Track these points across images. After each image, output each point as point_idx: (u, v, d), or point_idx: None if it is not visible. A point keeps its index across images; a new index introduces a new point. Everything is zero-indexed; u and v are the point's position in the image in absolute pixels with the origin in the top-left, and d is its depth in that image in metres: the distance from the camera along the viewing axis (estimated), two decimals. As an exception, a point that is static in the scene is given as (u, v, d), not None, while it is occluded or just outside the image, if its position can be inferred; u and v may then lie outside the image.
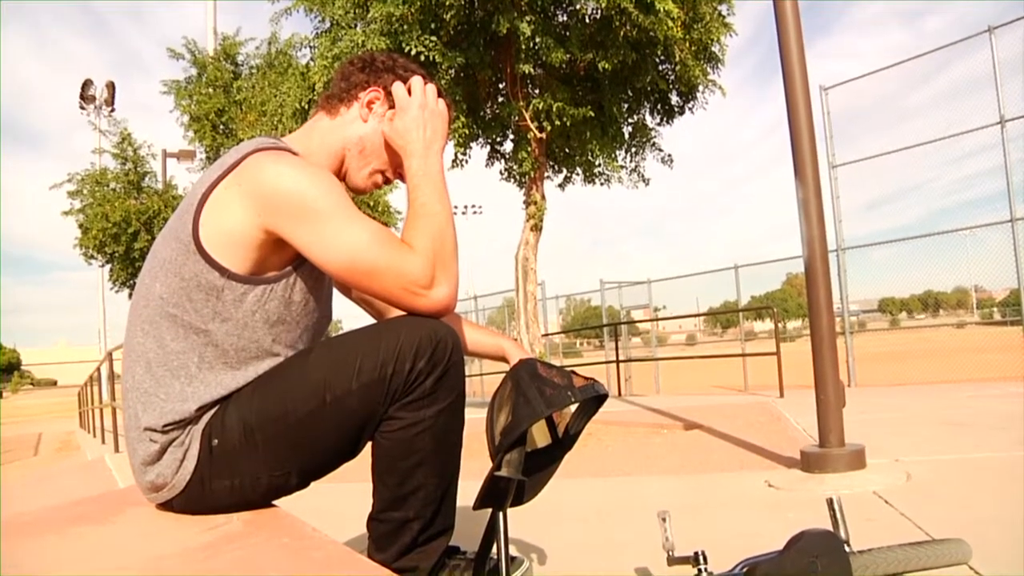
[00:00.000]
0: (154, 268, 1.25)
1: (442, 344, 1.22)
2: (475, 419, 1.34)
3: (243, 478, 1.22)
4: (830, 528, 1.30)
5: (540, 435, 1.46)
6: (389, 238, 1.22)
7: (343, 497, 2.61)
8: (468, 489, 1.36)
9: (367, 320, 1.57)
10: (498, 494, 1.31)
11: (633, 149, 7.09)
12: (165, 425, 1.21)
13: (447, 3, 5.14)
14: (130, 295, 1.34)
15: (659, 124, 6.98)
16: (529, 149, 6.21)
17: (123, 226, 10.37)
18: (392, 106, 1.39)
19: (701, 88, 6.40)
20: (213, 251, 1.20)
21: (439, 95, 1.42)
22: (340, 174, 1.42)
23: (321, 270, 1.27)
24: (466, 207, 60.74)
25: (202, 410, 1.22)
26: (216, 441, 1.21)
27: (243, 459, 1.21)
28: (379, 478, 1.27)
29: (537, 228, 6.47)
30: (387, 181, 1.45)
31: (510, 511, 1.34)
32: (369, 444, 1.28)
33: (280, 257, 1.25)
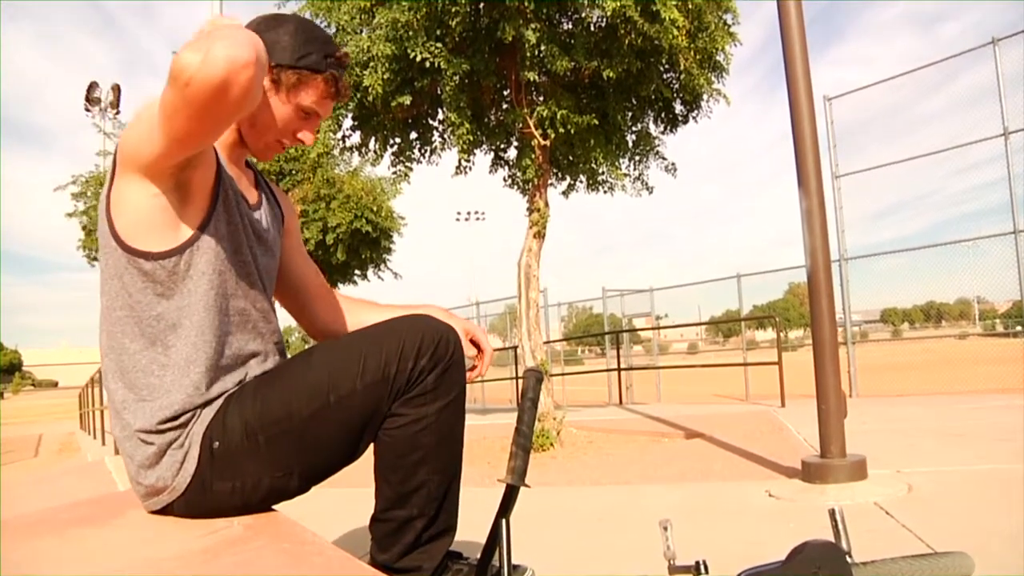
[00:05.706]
0: (101, 283, 1.25)
1: (443, 341, 1.24)
2: (475, 425, 1.33)
3: (244, 480, 1.22)
4: (832, 539, 1.29)
5: None
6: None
7: (343, 502, 2.61)
8: (468, 495, 1.35)
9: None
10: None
11: (637, 157, 7.10)
12: (159, 423, 1.20)
13: (453, 10, 5.17)
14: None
15: (663, 133, 7.00)
16: (533, 156, 6.22)
17: (126, 228, 10.40)
18: None
19: (705, 97, 6.41)
20: (132, 240, 1.18)
21: None
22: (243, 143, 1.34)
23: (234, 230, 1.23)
24: (469, 213, 60.90)
25: (191, 399, 1.20)
26: (217, 444, 1.21)
27: (245, 460, 1.21)
28: (382, 476, 1.28)
29: (540, 235, 6.48)
30: (283, 147, 1.34)
31: (512, 519, 1.34)
32: (371, 446, 1.28)
33: (192, 206, 1.20)
